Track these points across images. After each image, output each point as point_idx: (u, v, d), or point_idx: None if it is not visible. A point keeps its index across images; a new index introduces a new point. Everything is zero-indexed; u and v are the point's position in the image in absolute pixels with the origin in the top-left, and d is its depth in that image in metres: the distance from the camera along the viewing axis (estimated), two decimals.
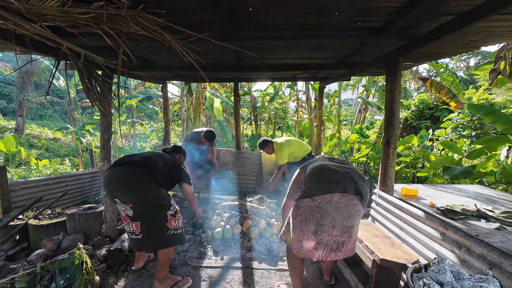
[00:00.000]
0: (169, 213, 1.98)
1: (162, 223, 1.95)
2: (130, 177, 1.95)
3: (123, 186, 1.94)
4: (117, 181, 1.96)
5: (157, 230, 1.96)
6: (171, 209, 2.00)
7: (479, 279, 1.17)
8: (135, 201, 1.94)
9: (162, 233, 1.95)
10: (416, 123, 10.14)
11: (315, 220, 1.59)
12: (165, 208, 1.99)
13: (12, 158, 8.20)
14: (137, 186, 1.93)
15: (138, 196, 1.93)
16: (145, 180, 1.94)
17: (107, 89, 2.23)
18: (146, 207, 1.95)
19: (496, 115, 3.62)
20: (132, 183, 1.93)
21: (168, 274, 2.10)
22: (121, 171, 1.99)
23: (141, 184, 1.94)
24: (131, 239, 2.06)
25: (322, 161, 1.86)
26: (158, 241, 1.97)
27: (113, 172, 2.00)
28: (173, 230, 1.98)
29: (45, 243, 2.61)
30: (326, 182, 1.65)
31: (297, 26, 2.05)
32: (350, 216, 1.58)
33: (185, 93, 8.63)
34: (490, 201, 2.26)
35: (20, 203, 3.12)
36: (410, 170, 4.93)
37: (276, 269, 2.43)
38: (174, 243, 2.03)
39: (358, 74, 4.65)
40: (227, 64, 3.46)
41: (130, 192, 1.93)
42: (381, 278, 1.86)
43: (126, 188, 1.93)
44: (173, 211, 2.02)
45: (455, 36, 2.12)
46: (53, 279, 2.01)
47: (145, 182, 1.94)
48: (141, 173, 1.95)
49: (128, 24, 1.63)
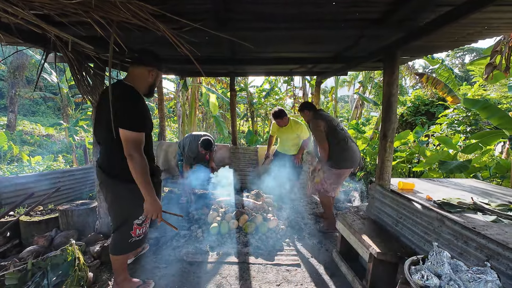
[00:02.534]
0: (136, 222, 1.80)
1: (126, 232, 1.80)
2: (100, 180, 1.79)
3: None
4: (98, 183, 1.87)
5: (120, 237, 1.82)
6: (140, 218, 1.81)
7: (477, 270, 1.16)
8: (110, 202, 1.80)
9: (123, 241, 1.83)
10: (411, 119, 10.20)
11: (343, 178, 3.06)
12: (132, 217, 1.79)
13: (4, 155, 8.04)
14: (103, 190, 1.80)
15: (106, 200, 1.82)
16: (105, 183, 1.75)
17: (98, 81, 2.16)
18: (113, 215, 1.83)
19: (491, 110, 3.64)
20: (101, 187, 1.80)
21: (127, 277, 1.98)
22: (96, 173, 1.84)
23: (103, 188, 1.78)
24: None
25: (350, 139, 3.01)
26: (118, 248, 1.85)
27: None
28: (135, 238, 1.85)
29: (37, 239, 2.56)
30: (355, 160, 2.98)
31: (293, 17, 2.00)
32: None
33: (180, 88, 8.52)
34: (486, 194, 2.27)
35: (10, 199, 3.04)
36: (406, 165, 4.95)
37: (273, 263, 2.42)
38: (131, 249, 1.91)
39: (355, 69, 4.62)
40: (222, 58, 3.40)
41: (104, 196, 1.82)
42: (377, 272, 1.86)
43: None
44: (142, 219, 1.82)
45: (453, 28, 2.10)
46: (45, 276, 1.97)
47: (106, 186, 1.76)
48: (101, 175, 1.76)
49: (119, 12, 1.57)
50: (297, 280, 2.20)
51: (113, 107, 1.51)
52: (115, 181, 1.71)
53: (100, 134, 1.78)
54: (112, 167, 1.71)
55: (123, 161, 1.58)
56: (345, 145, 2.93)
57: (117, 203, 1.77)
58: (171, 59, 3.32)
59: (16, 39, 1.84)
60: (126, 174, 1.59)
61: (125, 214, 1.79)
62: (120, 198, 1.74)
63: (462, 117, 6.50)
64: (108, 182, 1.73)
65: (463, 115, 6.48)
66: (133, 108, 1.63)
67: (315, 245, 2.81)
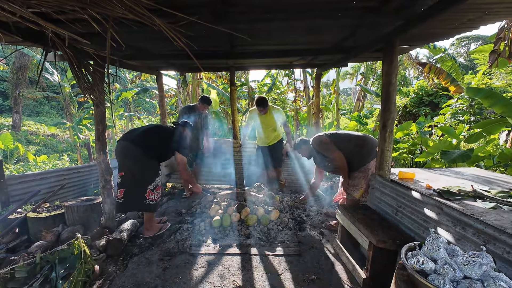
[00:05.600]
0: (149, 187, 2.58)
1: (142, 194, 2.56)
2: (126, 151, 2.58)
3: (121, 157, 2.60)
4: (118, 153, 2.63)
5: (136, 197, 2.57)
6: (152, 184, 2.60)
7: (473, 254, 1.17)
8: (126, 171, 2.57)
9: (139, 201, 2.57)
10: (415, 110, 10.08)
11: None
12: (147, 183, 2.59)
13: (10, 155, 8.18)
14: (130, 160, 2.56)
15: (129, 167, 2.57)
16: (137, 156, 2.54)
17: (98, 78, 2.18)
18: (132, 179, 2.56)
19: (495, 98, 3.58)
20: (127, 156, 2.57)
21: (152, 225, 2.79)
22: (121, 146, 2.61)
23: (133, 158, 2.55)
24: (118, 204, 2.64)
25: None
26: (135, 206, 2.69)
27: (118, 145, 2.65)
28: (149, 201, 2.59)
29: (44, 235, 2.63)
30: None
31: (290, 6, 1.98)
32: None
33: (180, 84, 8.53)
34: (487, 182, 2.26)
35: (18, 197, 3.12)
36: (409, 156, 4.93)
37: (274, 254, 2.46)
38: (148, 210, 2.66)
39: (355, 59, 4.56)
40: (221, 52, 3.39)
41: (125, 163, 2.58)
42: (377, 260, 1.88)
43: (123, 159, 2.59)
44: (154, 186, 2.62)
45: (452, 14, 2.07)
46: (53, 269, 2.03)
47: (137, 157, 2.54)
48: (134, 149, 2.54)
49: (114, 7, 1.58)
50: (298, 269, 2.23)
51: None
52: (148, 157, 2.59)
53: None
54: (150, 150, 2.61)
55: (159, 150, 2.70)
56: (357, 140, 2.84)
57: (143, 171, 2.59)
58: (170, 54, 3.32)
59: (15, 38, 1.87)
60: (158, 156, 2.69)
61: (146, 179, 2.59)
62: (147, 168, 2.62)
63: (466, 106, 6.41)
64: (141, 156, 2.55)
65: (466, 104, 6.39)
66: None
67: (317, 236, 2.84)
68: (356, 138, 2.88)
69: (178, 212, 3.46)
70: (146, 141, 2.61)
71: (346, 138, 2.88)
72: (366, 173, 2.79)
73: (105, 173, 2.84)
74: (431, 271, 1.14)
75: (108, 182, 2.87)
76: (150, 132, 2.74)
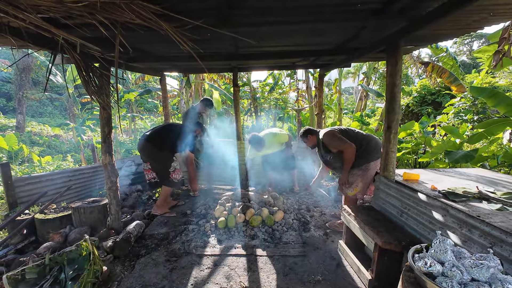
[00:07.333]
0: (170, 169, 3.36)
1: (168, 174, 3.35)
2: (144, 147, 3.30)
3: (141, 153, 3.41)
4: (139, 149, 3.40)
5: (165, 176, 3.36)
6: (170, 169, 3.36)
7: (480, 257, 1.19)
8: (150, 161, 3.39)
9: (167, 178, 3.36)
10: (418, 109, 10.05)
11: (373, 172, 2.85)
12: (167, 167, 3.35)
13: (15, 156, 8.25)
14: (148, 153, 3.34)
15: (150, 159, 3.37)
16: (152, 150, 3.29)
17: (105, 81, 2.21)
18: (158, 166, 3.37)
19: (498, 97, 3.57)
20: (145, 151, 3.32)
21: (164, 203, 3.47)
22: (140, 143, 3.36)
23: (150, 152, 3.32)
24: (150, 183, 3.52)
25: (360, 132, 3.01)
26: (165, 181, 3.39)
27: (138, 142, 3.41)
28: (173, 179, 3.39)
29: (52, 236, 2.67)
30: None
31: (294, 9, 2.00)
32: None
33: (183, 85, 8.56)
34: (492, 183, 2.26)
35: (25, 198, 3.16)
36: (412, 156, 4.93)
37: (280, 255, 2.47)
38: (173, 185, 3.47)
39: (357, 60, 4.57)
40: (225, 53, 3.41)
41: (145, 156, 3.38)
42: (383, 261, 1.89)
43: (143, 154, 3.39)
44: (172, 169, 3.38)
45: (457, 15, 2.07)
46: (62, 270, 2.06)
47: (152, 151, 3.30)
48: (149, 145, 3.28)
49: (123, 13, 1.60)
50: (303, 270, 2.25)
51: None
52: (164, 151, 3.33)
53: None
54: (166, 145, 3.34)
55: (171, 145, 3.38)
56: (362, 140, 2.83)
57: (162, 161, 3.35)
58: (175, 56, 3.35)
59: (26, 43, 1.90)
60: (171, 149, 3.38)
61: (167, 165, 3.36)
62: (164, 159, 3.36)
63: (468, 105, 6.38)
64: (158, 151, 3.28)
65: (469, 103, 6.37)
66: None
67: (321, 236, 2.85)
68: (362, 136, 2.91)
69: (183, 213, 3.49)
70: (157, 138, 3.31)
71: (352, 134, 2.91)
72: (365, 172, 2.81)
73: (111, 175, 2.86)
74: (439, 273, 1.15)
75: (114, 183, 2.89)
76: (160, 131, 3.44)
